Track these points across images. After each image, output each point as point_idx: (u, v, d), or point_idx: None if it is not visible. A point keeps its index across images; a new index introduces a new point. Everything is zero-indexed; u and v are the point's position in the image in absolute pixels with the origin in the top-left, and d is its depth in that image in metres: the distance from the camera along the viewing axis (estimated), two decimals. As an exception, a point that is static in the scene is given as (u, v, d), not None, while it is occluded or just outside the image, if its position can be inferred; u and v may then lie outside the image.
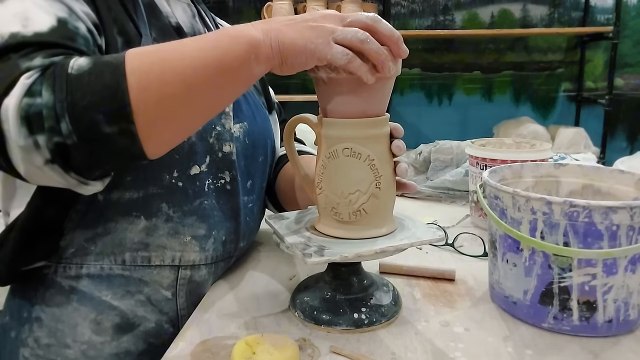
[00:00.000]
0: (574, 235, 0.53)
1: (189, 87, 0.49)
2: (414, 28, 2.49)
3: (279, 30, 0.51)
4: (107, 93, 0.46)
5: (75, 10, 0.56)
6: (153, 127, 0.49)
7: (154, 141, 0.49)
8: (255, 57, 0.51)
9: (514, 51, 2.52)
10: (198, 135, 0.64)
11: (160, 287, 0.65)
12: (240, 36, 0.50)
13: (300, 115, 0.62)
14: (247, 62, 0.51)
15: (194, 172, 0.64)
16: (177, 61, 0.49)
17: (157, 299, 0.65)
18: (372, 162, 0.56)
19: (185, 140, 0.62)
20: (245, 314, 0.62)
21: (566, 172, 0.71)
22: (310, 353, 0.53)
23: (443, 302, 0.65)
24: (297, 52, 0.51)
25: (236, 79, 0.52)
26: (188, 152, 0.63)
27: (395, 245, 0.55)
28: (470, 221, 0.97)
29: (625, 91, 2.48)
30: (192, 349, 0.54)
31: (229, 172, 0.68)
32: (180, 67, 0.49)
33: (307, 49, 0.50)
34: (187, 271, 0.66)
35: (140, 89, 0.47)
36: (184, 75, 0.49)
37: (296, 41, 0.50)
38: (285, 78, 2.58)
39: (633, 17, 2.41)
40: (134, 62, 0.48)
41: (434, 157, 1.23)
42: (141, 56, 0.49)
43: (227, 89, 0.53)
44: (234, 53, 0.50)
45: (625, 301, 0.55)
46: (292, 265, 0.76)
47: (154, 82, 0.48)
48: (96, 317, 0.62)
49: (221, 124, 0.68)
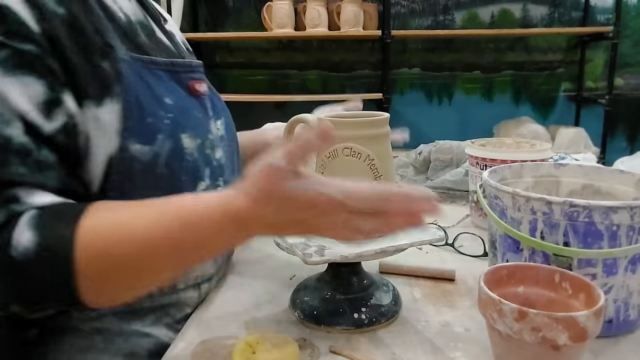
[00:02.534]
0: (574, 235, 0.53)
1: (152, 279, 0.49)
2: (414, 28, 2.49)
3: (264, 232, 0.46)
4: (55, 289, 0.45)
5: (9, 100, 0.46)
6: (104, 305, 0.51)
7: (98, 305, 0.49)
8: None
9: (514, 51, 2.52)
10: (198, 150, 0.59)
11: (185, 306, 0.63)
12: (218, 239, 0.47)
13: (300, 115, 0.62)
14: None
15: (201, 188, 0.60)
16: (141, 258, 0.45)
17: (181, 318, 0.63)
18: (372, 162, 0.56)
19: (190, 159, 0.58)
20: (245, 314, 0.62)
21: (566, 172, 0.71)
22: (310, 353, 0.53)
23: (443, 302, 0.65)
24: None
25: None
26: (193, 171, 0.59)
27: (395, 245, 0.55)
28: (470, 221, 0.97)
29: (625, 91, 2.48)
30: (192, 349, 0.54)
31: (222, 178, 0.65)
32: (146, 264, 0.46)
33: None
34: (206, 284, 0.66)
35: (90, 289, 0.45)
36: (144, 276, 0.48)
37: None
38: (285, 78, 2.58)
39: (633, 17, 2.41)
40: (84, 256, 0.43)
41: (434, 157, 1.23)
42: (93, 251, 0.44)
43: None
44: (210, 246, 0.48)
45: (625, 301, 0.55)
46: (292, 265, 0.76)
47: (107, 283, 0.46)
48: (130, 349, 0.58)
49: (210, 130, 0.64)
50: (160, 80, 0.57)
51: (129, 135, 0.52)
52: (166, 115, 0.55)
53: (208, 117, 0.64)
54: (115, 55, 0.52)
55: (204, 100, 0.65)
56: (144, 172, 0.53)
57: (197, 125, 0.60)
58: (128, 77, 0.52)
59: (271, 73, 2.59)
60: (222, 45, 2.57)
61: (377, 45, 2.52)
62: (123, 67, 0.52)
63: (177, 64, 0.61)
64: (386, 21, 2.24)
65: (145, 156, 0.53)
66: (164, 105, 0.56)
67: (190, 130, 0.58)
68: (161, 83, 0.57)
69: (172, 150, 0.55)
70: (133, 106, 0.52)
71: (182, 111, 0.58)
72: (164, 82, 0.58)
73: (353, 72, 2.57)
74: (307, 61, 2.57)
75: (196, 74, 0.65)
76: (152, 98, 0.55)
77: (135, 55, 0.55)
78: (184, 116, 0.58)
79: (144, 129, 0.53)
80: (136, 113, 0.52)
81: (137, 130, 0.53)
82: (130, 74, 0.53)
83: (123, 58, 0.52)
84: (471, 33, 2.39)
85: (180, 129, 0.57)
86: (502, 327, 0.44)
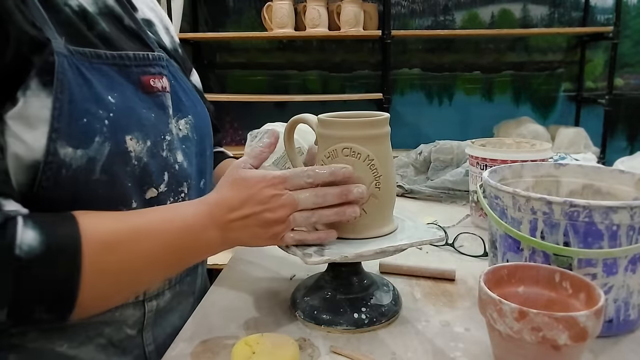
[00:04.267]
0: (574, 235, 0.53)
1: (141, 283, 0.54)
2: (414, 28, 2.49)
3: (235, 232, 0.53)
4: (57, 288, 0.45)
5: None
6: (87, 313, 0.51)
7: (80, 317, 0.49)
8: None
9: (514, 51, 2.51)
10: (149, 153, 0.55)
11: (124, 326, 0.58)
12: (201, 238, 0.53)
13: (300, 115, 0.62)
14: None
15: (151, 195, 0.56)
16: (136, 261, 0.50)
17: (119, 339, 0.58)
18: (372, 162, 0.56)
19: (136, 163, 0.54)
20: (245, 314, 0.62)
21: (566, 172, 0.71)
22: (310, 353, 0.53)
23: (443, 302, 0.65)
24: (249, 246, 0.56)
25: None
26: (141, 175, 0.55)
27: (395, 245, 0.55)
28: (471, 221, 0.97)
29: (625, 91, 2.48)
30: (192, 349, 0.54)
31: (186, 183, 0.61)
32: (139, 268, 0.51)
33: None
34: (153, 302, 0.60)
35: (91, 287, 0.47)
36: (139, 275, 0.52)
37: (249, 243, 0.55)
38: (285, 78, 2.58)
39: (633, 17, 2.40)
40: (91, 250, 0.46)
41: (434, 157, 1.23)
42: (100, 243, 0.48)
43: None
44: (194, 251, 0.54)
45: (625, 301, 0.55)
46: (292, 265, 0.76)
47: (108, 280, 0.49)
48: None
49: (169, 131, 0.59)
50: (105, 76, 0.53)
51: (58, 137, 0.47)
52: (107, 115, 0.51)
53: (166, 116, 0.59)
54: (50, 48, 0.48)
55: (161, 98, 0.59)
56: (75, 178, 0.49)
57: (148, 125, 0.55)
58: (63, 72, 0.48)
59: (271, 73, 2.59)
60: (222, 45, 2.57)
61: (377, 45, 2.51)
62: (58, 61, 0.48)
63: (127, 57, 0.56)
64: (386, 21, 2.24)
65: (77, 161, 0.48)
66: (105, 104, 0.51)
67: (137, 131, 0.54)
68: (105, 79, 0.53)
69: (113, 154, 0.51)
70: (64, 105, 0.48)
71: (127, 110, 0.53)
72: (109, 78, 0.53)
73: (353, 72, 2.57)
74: (307, 61, 2.57)
75: (154, 67, 0.59)
76: (91, 96, 0.50)
77: (77, 48, 0.51)
78: (129, 116, 0.53)
79: (77, 130, 0.48)
80: (68, 113, 0.48)
81: (68, 132, 0.48)
82: (68, 69, 0.48)
83: (60, 52, 0.48)
84: (471, 33, 2.39)
85: (123, 131, 0.52)
86: (502, 327, 0.44)
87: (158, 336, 0.62)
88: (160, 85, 0.59)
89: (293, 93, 2.50)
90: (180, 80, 0.66)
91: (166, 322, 0.63)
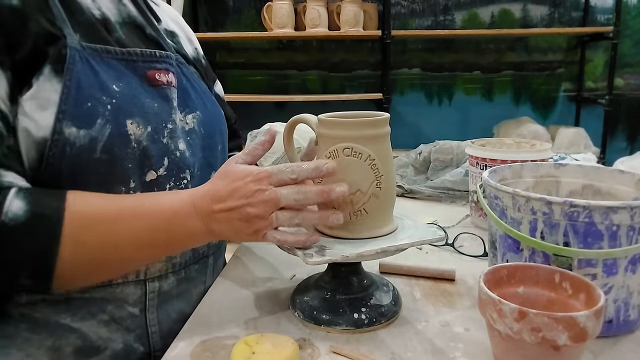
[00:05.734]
0: (574, 235, 0.53)
1: (123, 261, 0.55)
2: (414, 28, 2.49)
3: (218, 224, 0.55)
4: (37, 256, 0.49)
5: None
6: (71, 284, 0.53)
7: (65, 288, 0.53)
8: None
9: (514, 51, 2.52)
10: (149, 138, 0.59)
11: (125, 304, 0.60)
12: (186, 225, 0.55)
13: (300, 115, 0.62)
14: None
15: (150, 178, 0.60)
16: (117, 238, 0.52)
17: (121, 317, 0.60)
18: (373, 162, 0.56)
19: (136, 146, 0.58)
20: (245, 314, 0.62)
21: (566, 172, 0.71)
22: (310, 353, 0.53)
23: (443, 302, 0.65)
24: (233, 240, 0.58)
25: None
26: (141, 158, 0.59)
27: (395, 245, 0.55)
28: (470, 221, 0.97)
29: (625, 91, 2.48)
30: (192, 349, 0.54)
31: (189, 171, 0.64)
32: (120, 244, 0.53)
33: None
34: (155, 283, 0.63)
35: (71, 260, 0.50)
36: (121, 253, 0.53)
37: (232, 237, 0.56)
38: (285, 78, 2.58)
39: (633, 17, 2.41)
40: (73, 223, 0.50)
41: (434, 157, 1.23)
42: (82, 219, 0.51)
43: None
44: (178, 238, 0.56)
45: (625, 301, 0.55)
46: (292, 265, 0.76)
47: (88, 255, 0.51)
48: (54, 343, 0.57)
49: (172, 120, 0.63)
50: (113, 68, 0.59)
51: (64, 118, 0.53)
52: (110, 100, 0.56)
53: (169, 107, 0.63)
54: (64, 42, 0.55)
55: (166, 90, 0.64)
56: (78, 156, 0.54)
57: (150, 112, 0.60)
58: (73, 63, 0.54)
59: (271, 73, 2.59)
60: (222, 45, 2.57)
61: (377, 45, 2.52)
62: (69, 54, 0.55)
63: (135, 54, 0.62)
64: (386, 21, 2.24)
65: (80, 140, 0.54)
66: (109, 92, 0.56)
67: (138, 116, 0.58)
68: (112, 71, 0.58)
69: (113, 135, 0.56)
70: (72, 90, 0.54)
71: (130, 98, 0.58)
72: (117, 70, 0.59)
73: (353, 72, 2.57)
74: (307, 61, 2.57)
75: (161, 64, 0.65)
76: (97, 84, 0.56)
77: (90, 45, 0.57)
78: (132, 103, 0.58)
79: (81, 112, 0.54)
80: (74, 97, 0.54)
81: (73, 113, 0.53)
82: (78, 60, 0.55)
83: (72, 46, 0.55)
84: (471, 33, 2.39)
85: (124, 115, 0.57)
86: (502, 327, 0.44)
87: (162, 320, 0.64)
88: (166, 80, 0.64)
89: (293, 93, 2.50)
90: (193, 82, 0.71)
91: (171, 307, 0.65)
